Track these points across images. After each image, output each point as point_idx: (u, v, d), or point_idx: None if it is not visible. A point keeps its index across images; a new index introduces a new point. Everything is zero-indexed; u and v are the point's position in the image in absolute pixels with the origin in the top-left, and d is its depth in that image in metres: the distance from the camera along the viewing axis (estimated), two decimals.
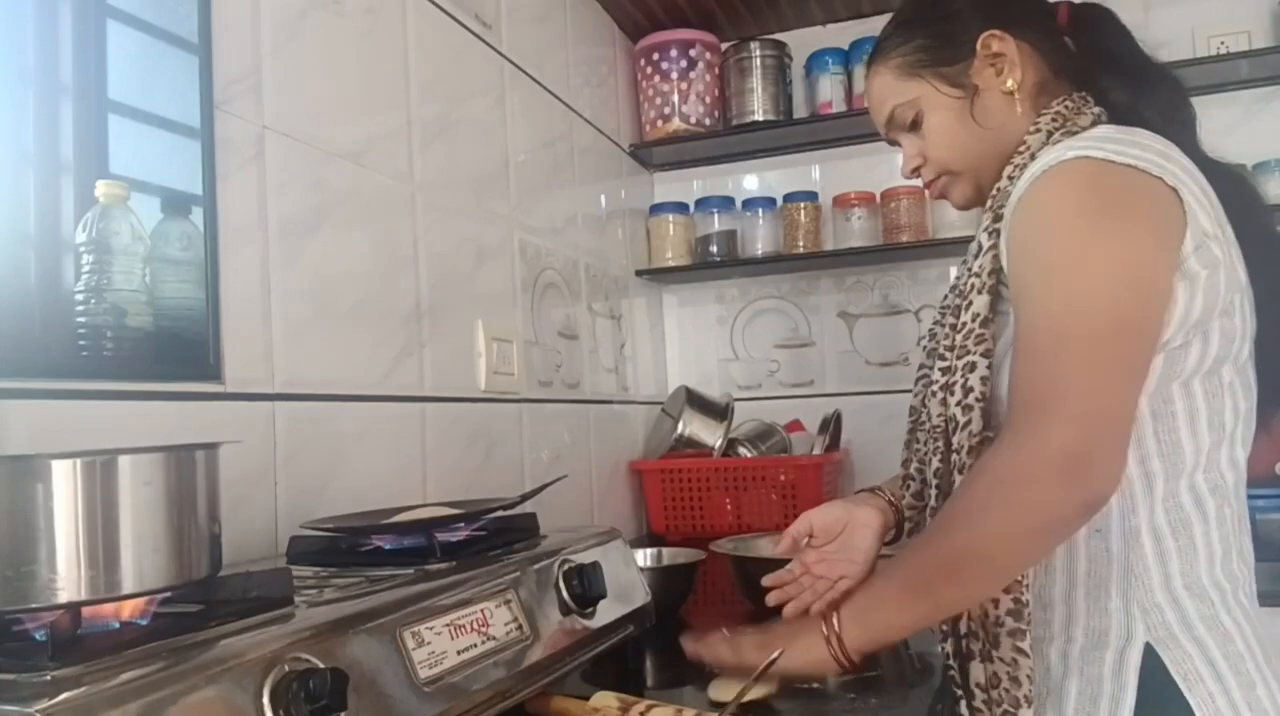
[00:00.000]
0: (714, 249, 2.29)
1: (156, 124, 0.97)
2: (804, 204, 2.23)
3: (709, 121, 2.27)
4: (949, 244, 2.10)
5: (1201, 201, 0.84)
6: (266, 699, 0.58)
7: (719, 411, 2.15)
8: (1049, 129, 0.94)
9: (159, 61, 0.98)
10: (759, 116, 2.24)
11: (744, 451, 2.13)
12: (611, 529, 1.11)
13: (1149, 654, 0.84)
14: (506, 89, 1.69)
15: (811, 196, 2.25)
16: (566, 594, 0.92)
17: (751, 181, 2.41)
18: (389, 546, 0.93)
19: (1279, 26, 2.00)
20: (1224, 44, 1.99)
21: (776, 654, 0.89)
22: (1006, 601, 0.85)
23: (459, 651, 0.75)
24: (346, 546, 0.95)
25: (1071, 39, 1.02)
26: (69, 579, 0.58)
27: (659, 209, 2.33)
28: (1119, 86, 0.97)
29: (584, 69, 2.05)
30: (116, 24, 0.94)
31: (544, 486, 1.06)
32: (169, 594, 0.64)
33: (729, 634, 0.93)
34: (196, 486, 0.65)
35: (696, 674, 0.98)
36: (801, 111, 2.31)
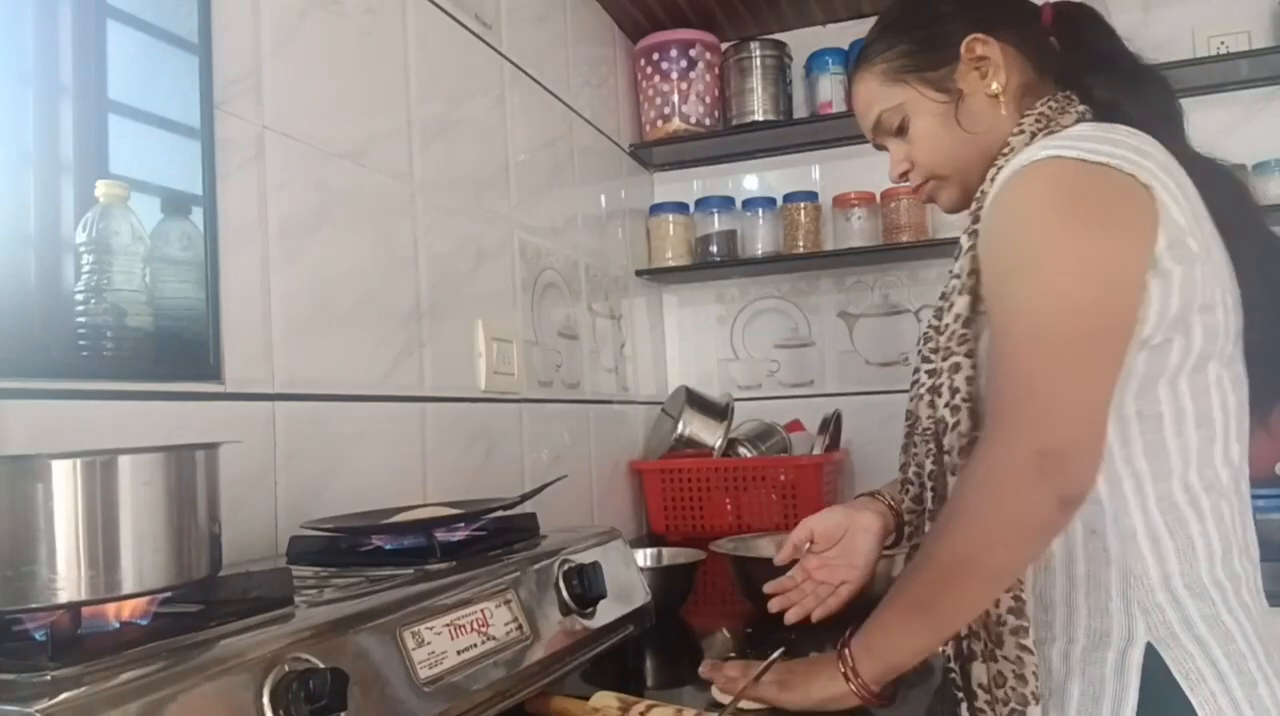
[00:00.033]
0: (714, 249, 2.29)
1: (156, 124, 0.97)
2: (804, 204, 2.23)
3: (709, 121, 2.27)
4: (949, 244, 2.08)
5: (1176, 197, 0.84)
6: (266, 699, 0.58)
7: (719, 411, 2.15)
8: (1032, 129, 0.94)
9: (159, 61, 0.98)
10: (759, 116, 2.24)
11: (744, 451, 2.13)
12: (611, 529, 1.11)
13: (1150, 654, 0.84)
14: (506, 89, 1.69)
15: (811, 196, 2.25)
16: (566, 594, 0.92)
17: (751, 181, 2.41)
18: (389, 546, 0.93)
19: (1279, 26, 2.00)
20: (1224, 44, 1.99)
21: (777, 653, 0.90)
22: (1007, 600, 0.85)
23: (459, 651, 0.75)
24: (346, 546, 0.95)
25: (1056, 38, 1.02)
26: (69, 579, 0.58)
27: (659, 209, 2.33)
28: (1102, 85, 0.97)
29: (584, 69, 2.05)
30: (116, 24, 0.94)
31: (544, 486, 1.06)
32: (169, 594, 0.64)
33: (742, 666, 0.94)
34: (196, 486, 0.65)
35: (696, 674, 0.98)
36: (801, 111, 2.31)
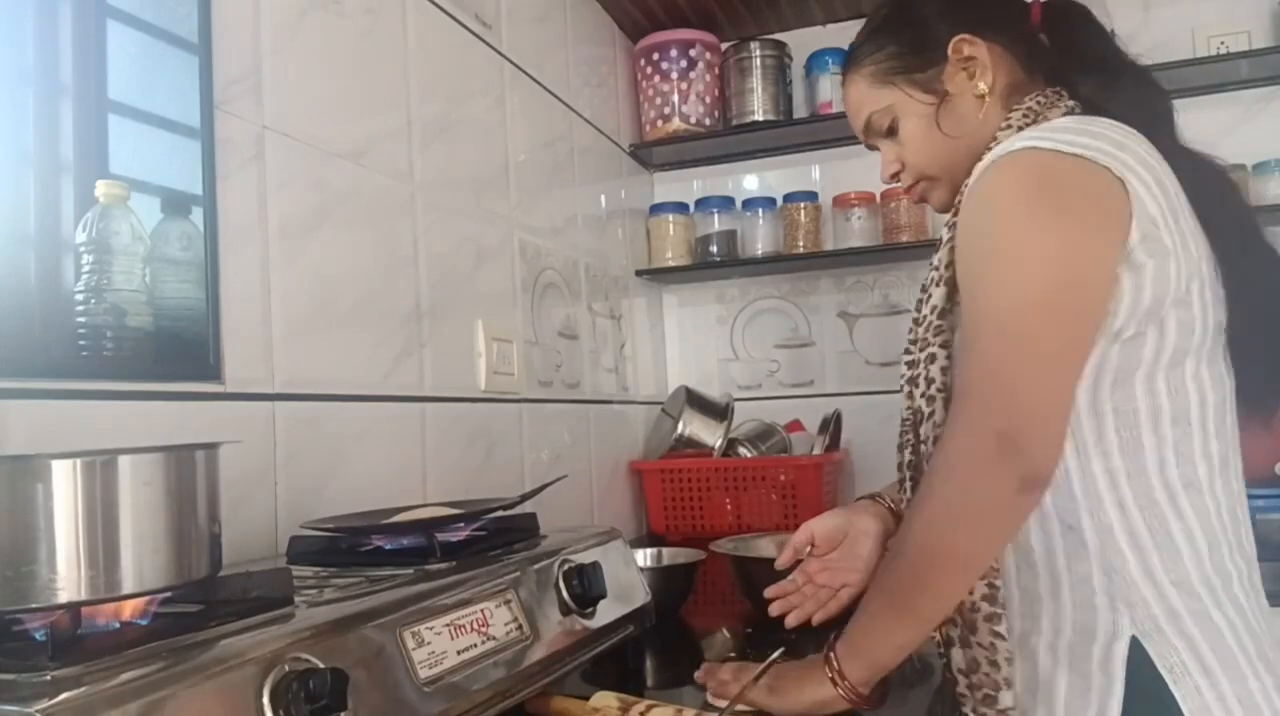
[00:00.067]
0: (714, 249, 2.29)
1: (156, 124, 0.97)
2: (804, 204, 2.23)
3: (709, 121, 2.27)
4: None
5: (1152, 190, 0.84)
6: (266, 699, 0.58)
7: (719, 411, 2.15)
8: (1019, 124, 0.94)
9: (159, 61, 0.98)
10: (759, 116, 2.24)
11: (744, 451, 2.13)
12: (611, 529, 1.11)
13: (1135, 647, 0.84)
14: (506, 89, 1.69)
15: (811, 196, 2.25)
16: (566, 594, 0.92)
17: (751, 181, 2.41)
18: (389, 546, 0.93)
19: (1279, 26, 2.00)
20: (1224, 44, 1.99)
21: (777, 654, 0.90)
22: (981, 587, 0.86)
23: (459, 651, 0.75)
24: (346, 546, 0.95)
25: (1046, 36, 1.02)
26: (69, 579, 0.58)
27: (659, 209, 2.33)
28: (1090, 81, 0.97)
29: (584, 69, 2.05)
30: (116, 24, 0.94)
31: (544, 486, 1.06)
32: (169, 594, 0.64)
33: (735, 669, 0.94)
34: (196, 486, 0.65)
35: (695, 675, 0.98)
36: (801, 111, 2.31)
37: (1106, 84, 0.96)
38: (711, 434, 2.12)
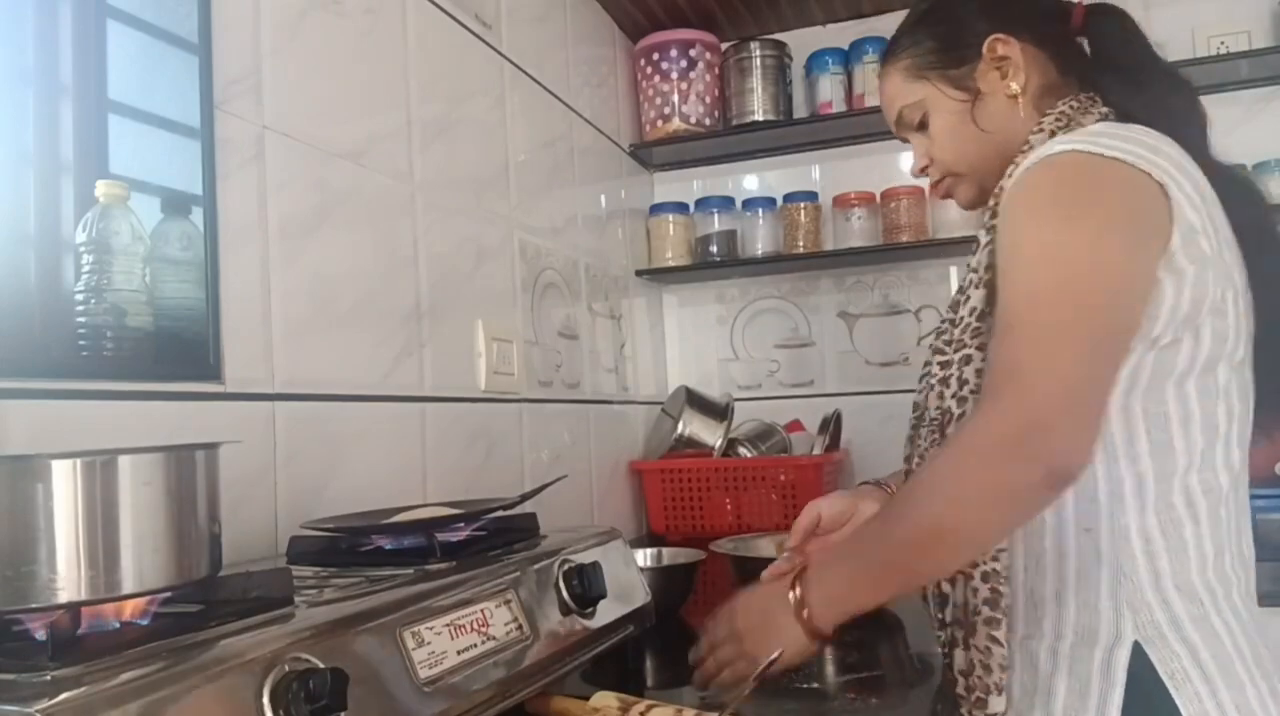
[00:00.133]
0: (714, 249, 2.29)
1: (156, 124, 0.97)
2: (804, 204, 2.23)
3: (709, 121, 2.27)
4: (949, 244, 2.10)
5: (1192, 198, 0.84)
6: (266, 699, 0.58)
7: (719, 411, 2.15)
8: (1052, 128, 0.94)
9: (159, 61, 0.98)
10: (759, 116, 2.24)
11: (744, 451, 2.13)
12: (611, 529, 1.11)
13: (1137, 653, 0.84)
14: (506, 89, 1.69)
15: (811, 196, 2.25)
16: (566, 594, 0.92)
17: (751, 181, 2.41)
18: (389, 546, 0.93)
19: (1279, 26, 2.00)
20: (1224, 44, 1.99)
21: (776, 654, 0.90)
22: (984, 590, 0.85)
23: (459, 651, 0.75)
24: (346, 546, 0.95)
25: (1087, 39, 1.02)
26: (69, 579, 0.58)
27: (659, 209, 2.33)
28: (1126, 87, 0.97)
29: (584, 69, 2.05)
30: (116, 24, 0.94)
31: (544, 486, 1.06)
32: (169, 594, 0.64)
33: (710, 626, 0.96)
34: (196, 486, 0.65)
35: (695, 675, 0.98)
36: (801, 111, 2.31)
37: (1142, 90, 0.96)
38: (711, 434, 2.12)
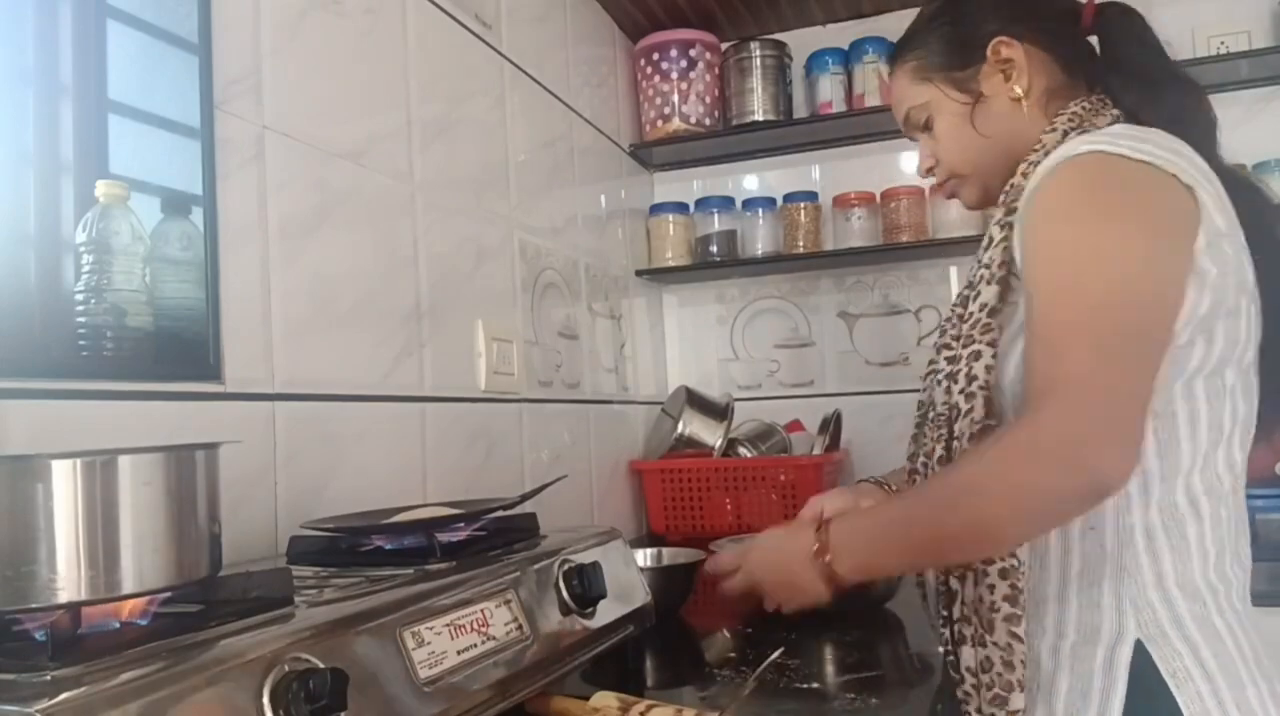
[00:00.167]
0: (714, 249, 2.29)
1: (156, 124, 0.97)
2: (804, 204, 2.23)
3: (709, 121, 2.27)
4: (949, 244, 2.10)
5: (1217, 200, 0.84)
6: (266, 699, 0.58)
7: (719, 411, 2.15)
8: (1065, 129, 0.94)
9: (159, 61, 0.98)
10: (759, 116, 2.24)
11: (744, 451, 2.13)
12: (611, 529, 1.11)
13: (1139, 651, 0.84)
14: (506, 89, 1.69)
15: (811, 196, 2.25)
16: (566, 594, 0.92)
17: (751, 181, 2.41)
18: (389, 546, 0.93)
19: (1279, 26, 2.00)
20: (1224, 44, 1.99)
21: (776, 654, 0.90)
22: (1003, 587, 0.85)
23: (459, 651, 0.75)
24: (346, 546, 0.95)
25: (1097, 39, 1.01)
26: (69, 579, 0.58)
27: (659, 209, 2.33)
28: (1136, 89, 0.96)
29: (584, 69, 2.05)
30: (116, 24, 0.94)
31: (544, 486, 1.06)
32: (169, 594, 0.64)
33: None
34: (196, 486, 0.65)
35: (696, 674, 0.98)
36: (801, 111, 2.31)
37: (1153, 93, 0.95)
38: (711, 434, 2.12)
